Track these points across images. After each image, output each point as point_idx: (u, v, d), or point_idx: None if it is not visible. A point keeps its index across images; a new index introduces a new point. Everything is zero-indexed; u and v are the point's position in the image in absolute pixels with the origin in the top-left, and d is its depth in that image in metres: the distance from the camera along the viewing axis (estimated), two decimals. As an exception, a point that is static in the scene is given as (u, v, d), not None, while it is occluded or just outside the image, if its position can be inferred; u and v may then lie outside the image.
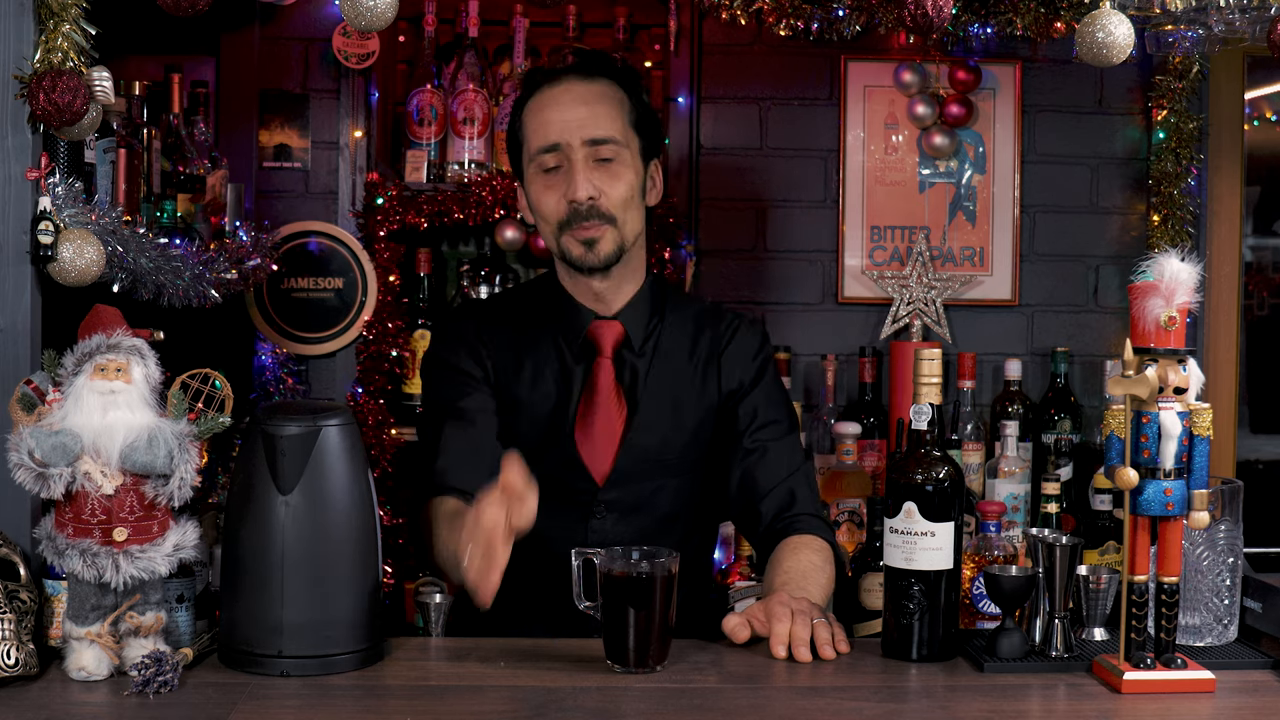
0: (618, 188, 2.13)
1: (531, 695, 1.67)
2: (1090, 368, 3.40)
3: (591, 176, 2.11)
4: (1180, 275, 1.71)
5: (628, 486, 2.15)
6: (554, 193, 2.13)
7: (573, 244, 2.13)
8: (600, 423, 2.16)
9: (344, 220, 3.23)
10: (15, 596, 1.71)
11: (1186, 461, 1.71)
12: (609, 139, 2.12)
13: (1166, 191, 3.29)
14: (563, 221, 2.13)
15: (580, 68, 2.18)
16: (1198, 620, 1.89)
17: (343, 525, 1.74)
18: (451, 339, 2.23)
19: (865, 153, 3.37)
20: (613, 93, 2.16)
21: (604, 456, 2.15)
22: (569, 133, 2.11)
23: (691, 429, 2.19)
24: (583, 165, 2.11)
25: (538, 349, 2.21)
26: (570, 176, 2.11)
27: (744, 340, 2.25)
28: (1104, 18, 2.00)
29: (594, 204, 2.11)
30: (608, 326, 2.20)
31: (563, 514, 2.13)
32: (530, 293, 2.32)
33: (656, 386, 2.19)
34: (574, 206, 2.11)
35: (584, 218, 2.11)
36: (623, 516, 2.15)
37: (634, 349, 2.20)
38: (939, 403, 1.88)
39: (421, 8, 3.23)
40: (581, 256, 2.13)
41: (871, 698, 1.68)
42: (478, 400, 2.17)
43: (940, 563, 1.82)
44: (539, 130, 2.15)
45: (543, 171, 2.15)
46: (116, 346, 1.70)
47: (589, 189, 2.10)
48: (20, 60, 1.80)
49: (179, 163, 2.60)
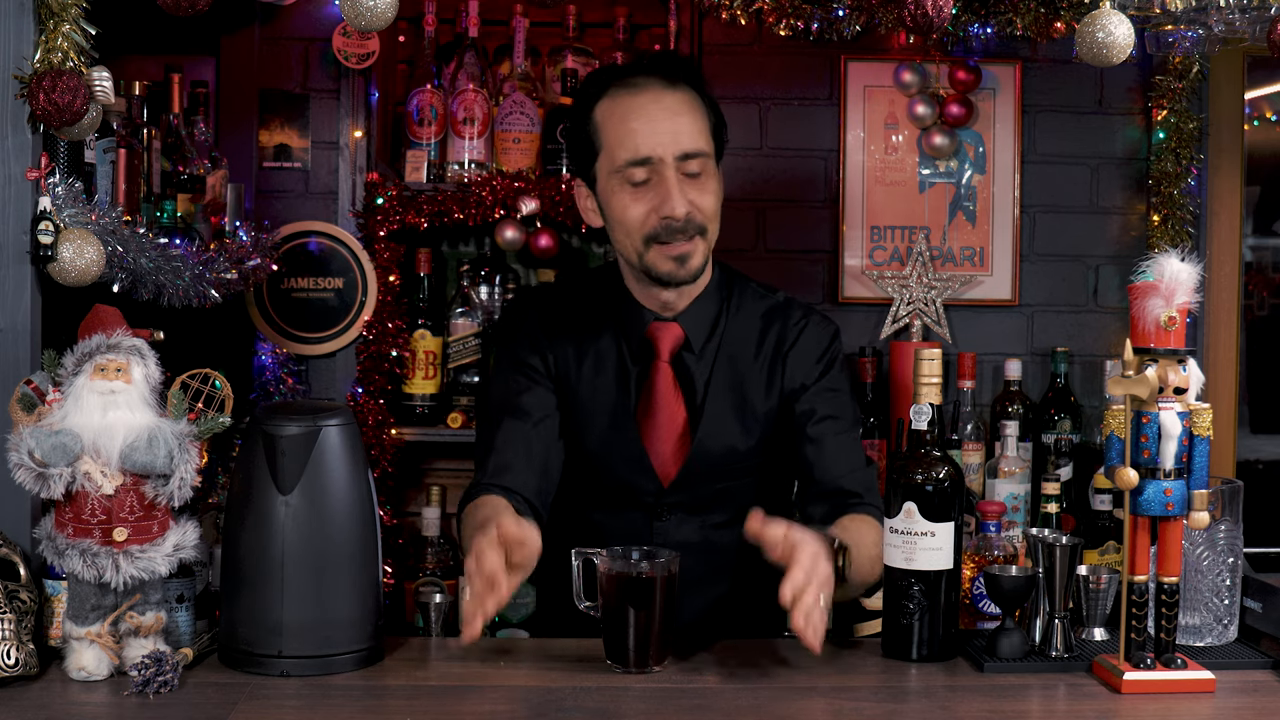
0: (708, 200, 2.09)
1: (531, 695, 1.67)
2: (1090, 368, 3.40)
3: (686, 191, 2.06)
4: (1180, 275, 1.71)
5: (694, 489, 2.13)
6: (642, 205, 2.07)
7: (661, 260, 2.08)
8: (662, 427, 2.13)
9: (344, 220, 3.23)
10: (15, 596, 1.71)
11: (1186, 461, 1.71)
12: (699, 152, 2.07)
13: (1166, 191, 3.28)
14: (650, 235, 2.07)
15: (663, 72, 2.12)
16: (1198, 620, 1.89)
17: (343, 525, 1.74)
18: (514, 329, 2.21)
19: (865, 153, 3.37)
20: (695, 102, 2.11)
21: (668, 460, 2.13)
22: (661, 147, 2.05)
23: (759, 432, 2.15)
24: (675, 180, 2.06)
25: (598, 343, 2.17)
26: (664, 191, 2.05)
27: (810, 339, 2.19)
28: (1104, 18, 2.00)
29: (690, 217, 2.06)
30: (667, 329, 2.16)
31: (628, 514, 2.13)
32: (593, 284, 2.26)
33: (721, 389, 2.15)
34: (667, 223, 2.06)
35: (678, 233, 2.06)
36: (688, 517, 2.13)
37: (694, 351, 2.16)
38: (939, 403, 1.88)
39: (421, 8, 3.23)
40: (673, 272, 2.09)
41: (871, 698, 1.68)
42: (539, 397, 2.15)
43: (940, 563, 1.82)
44: (626, 141, 2.07)
45: (631, 184, 2.08)
46: (116, 346, 1.70)
47: (685, 205, 2.05)
48: (20, 60, 1.80)
49: (179, 163, 2.60)
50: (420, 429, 3.19)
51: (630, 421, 2.14)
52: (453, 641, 1.98)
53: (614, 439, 2.14)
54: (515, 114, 3.18)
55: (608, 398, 2.15)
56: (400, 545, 3.20)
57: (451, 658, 1.88)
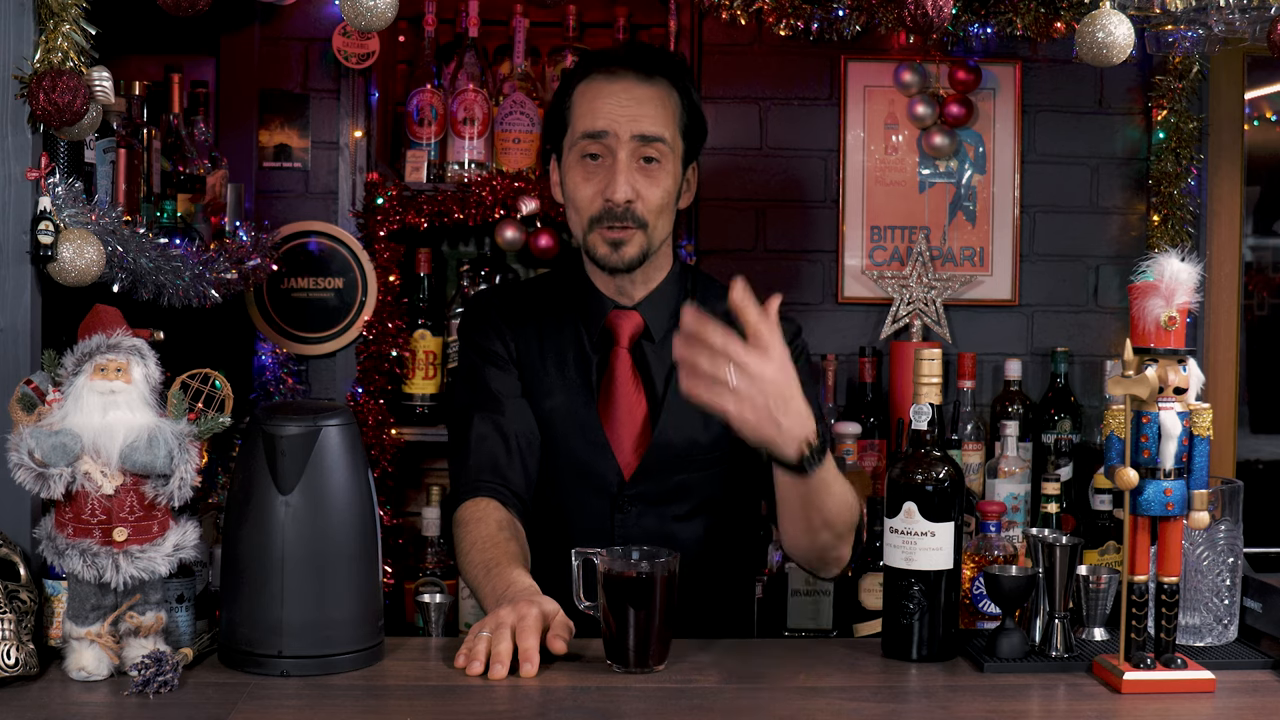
0: (655, 193, 2.10)
1: (531, 695, 1.67)
2: (1090, 368, 3.40)
3: (632, 178, 2.09)
4: (1180, 275, 1.71)
5: (654, 481, 2.13)
6: (591, 185, 2.11)
7: (599, 242, 2.11)
8: (623, 416, 2.14)
9: (344, 220, 3.23)
10: (15, 596, 1.71)
11: (1186, 461, 1.71)
12: (657, 137, 2.09)
13: (1166, 191, 3.28)
14: (595, 217, 2.11)
15: (639, 64, 2.14)
16: (1198, 620, 1.89)
17: (343, 525, 1.74)
18: (476, 321, 2.23)
19: (865, 153, 3.37)
20: (667, 95, 2.13)
21: (629, 450, 2.14)
22: (618, 123, 2.08)
23: (720, 424, 2.16)
24: (626, 163, 2.09)
25: (560, 334, 2.19)
26: (611, 173, 2.09)
27: None
28: (1104, 18, 2.00)
29: (630, 207, 2.09)
30: (626, 317, 2.18)
31: (590, 504, 2.13)
32: (555, 278, 2.30)
33: None
34: (609, 206, 2.09)
35: (617, 218, 2.09)
36: (649, 509, 2.13)
37: (654, 340, 2.18)
38: (939, 403, 1.88)
39: (421, 8, 3.23)
40: (606, 256, 2.12)
41: (871, 698, 1.68)
42: (505, 382, 2.16)
43: (940, 563, 1.82)
44: (587, 114, 2.11)
45: (584, 157, 2.11)
46: (116, 346, 1.70)
47: (628, 191, 2.08)
48: (20, 60, 1.80)
49: (179, 163, 2.60)
50: (420, 429, 3.19)
51: (591, 410, 2.15)
52: (453, 642, 1.98)
53: (576, 428, 2.14)
54: (515, 114, 3.18)
55: (569, 386, 2.16)
56: (400, 545, 3.20)
57: (451, 658, 1.88)
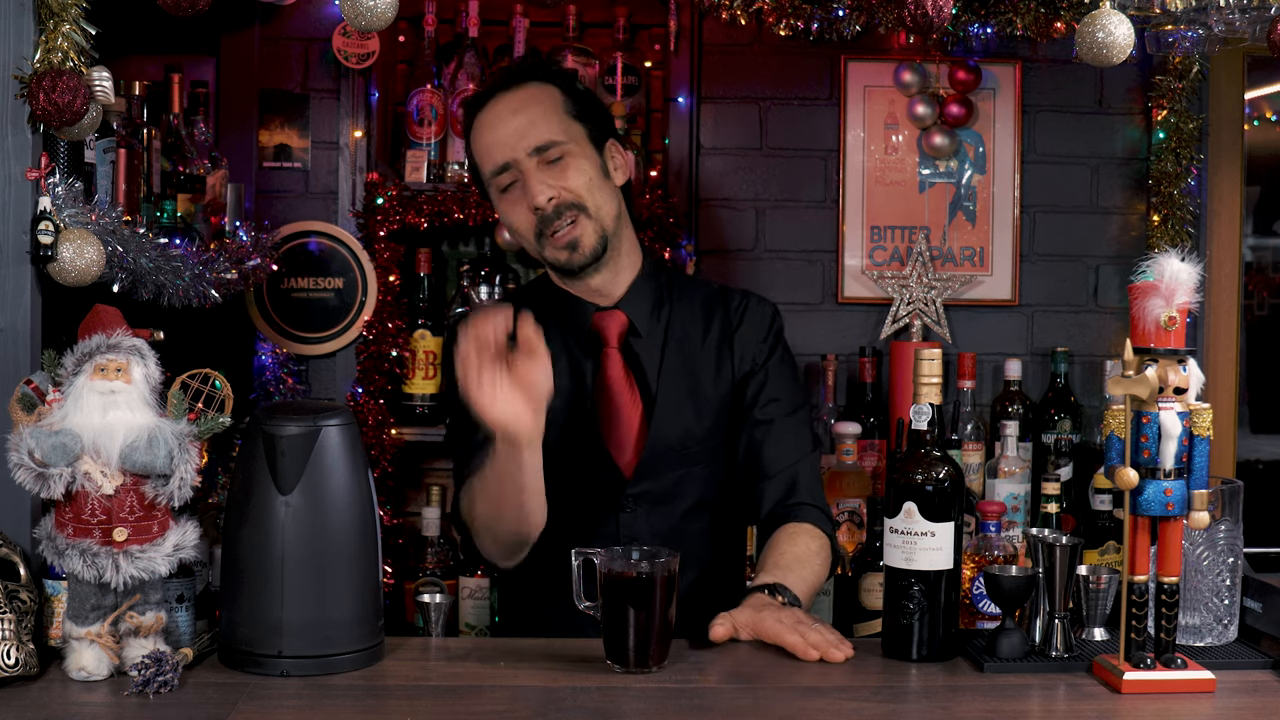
0: (574, 178, 2.12)
1: (531, 695, 1.67)
2: (1090, 368, 3.40)
3: (545, 179, 2.11)
4: (1180, 275, 1.71)
5: (655, 478, 2.15)
6: (519, 206, 2.14)
7: (553, 250, 2.13)
8: (619, 415, 2.15)
9: (344, 220, 3.23)
10: (15, 596, 1.71)
11: (1186, 461, 1.71)
12: (550, 142, 2.12)
13: (1166, 191, 3.28)
14: (537, 232, 2.13)
15: (504, 81, 2.18)
16: (1198, 620, 1.88)
17: (343, 525, 1.74)
18: None
19: (865, 153, 3.37)
20: (541, 92, 2.16)
21: (628, 449, 2.15)
22: (511, 148, 2.12)
23: (713, 415, 2.19)
24: (535, 173, 2.11)
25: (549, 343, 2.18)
26: (526, 186, 2.12)
27: (754, 319, 2.24)
28: (1104, 18, 2.00)
29: (556, 202, 2.11)
30: (611, 317, 2.19)
31: (593, 509, 2.14)
32: (531, 293, 2.32)
33: (673, 375, 2.18)
34: (539, 213, 2.11)
35: (553, 219, 2.11)
36: (652, 508, 2.15)
37: (641, 336, 2.19)
38: (939, 403, 1.88)
39: (421, 8, 3.23)
40: (568, 260, 2.14)
41: (871, 698, 1.68)
42: None
43: (940, 563, 1.82)
44: (485, 155, 2.16)
45: (502, 191, 2.15)
46: (116, 346, 1.70)
47: (546, 191, 2.10)
48: (20, 60, 1.80)
49: (179, 163, 2.60)
50: (420, 429, 3.19)
51: (587, 414, 2.16)
52: (453, 642, 1.98)
53: (573, 434, 2.15)
54: (515, 114, 3.18)
55: (563, 393, 2.15)
56: (400, 545, 3.20)
57: (452, 658, 1.88)
